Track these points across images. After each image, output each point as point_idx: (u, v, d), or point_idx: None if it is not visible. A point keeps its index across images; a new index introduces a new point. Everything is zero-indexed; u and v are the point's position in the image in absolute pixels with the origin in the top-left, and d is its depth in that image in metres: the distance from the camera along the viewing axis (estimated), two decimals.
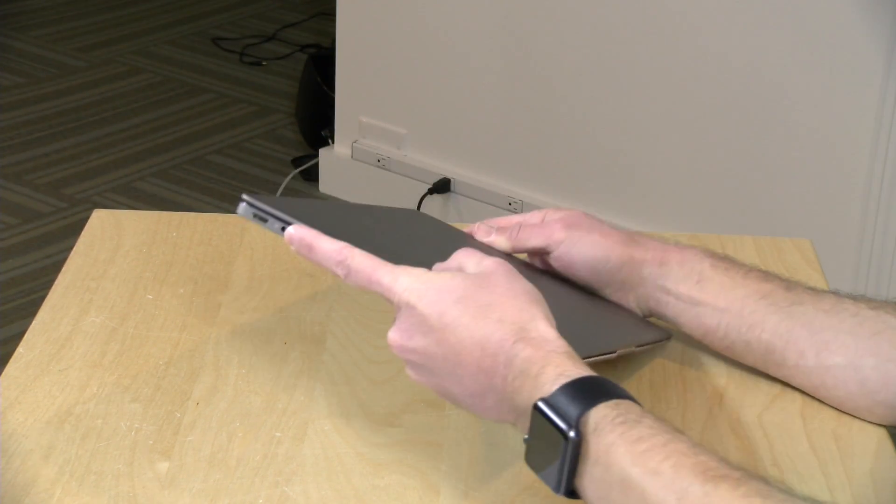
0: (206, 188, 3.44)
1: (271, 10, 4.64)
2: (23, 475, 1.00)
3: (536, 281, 1.00)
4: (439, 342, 0.91)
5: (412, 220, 1.23)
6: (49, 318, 1.20)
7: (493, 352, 0.90)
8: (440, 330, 0.91)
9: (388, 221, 1.17)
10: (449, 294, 0.92)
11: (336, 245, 0.95)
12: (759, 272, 1.12)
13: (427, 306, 0.91)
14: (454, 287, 0.92)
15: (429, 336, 0.91)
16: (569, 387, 0.87)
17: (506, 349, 0.90)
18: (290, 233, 0.96)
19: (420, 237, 1.16)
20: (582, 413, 0.85)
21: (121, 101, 3.91)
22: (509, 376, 0.90)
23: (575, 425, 0.85)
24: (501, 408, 0.91)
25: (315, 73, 3.49)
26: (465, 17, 3.05)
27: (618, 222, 2.92)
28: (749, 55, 2.68)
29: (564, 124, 2.98)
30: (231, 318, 1.21)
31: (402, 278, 0.93)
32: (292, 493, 1.00)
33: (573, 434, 0.84)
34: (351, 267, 0.95)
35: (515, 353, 0.90)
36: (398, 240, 1.10)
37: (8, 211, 3.27)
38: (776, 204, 2.72)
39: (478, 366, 0.90)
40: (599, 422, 0.85)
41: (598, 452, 0.84)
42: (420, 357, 0.93)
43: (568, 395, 0.86)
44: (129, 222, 1.37)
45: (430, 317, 0.91)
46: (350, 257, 0.95)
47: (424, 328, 0.92)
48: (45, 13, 4.55)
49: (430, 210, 3.19)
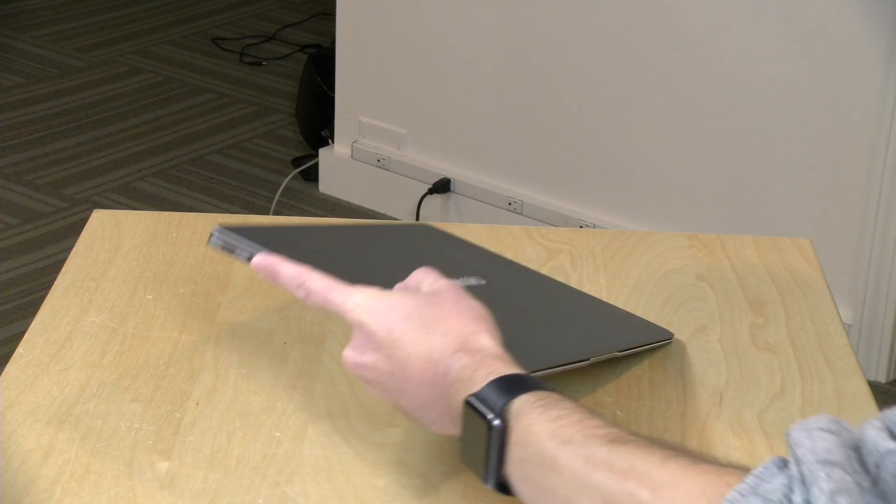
0: (206, 188, 3.44)
1: (271, 10, 4.64)
2: (23, 475, 1.00)
3: (511, 297, 1.02)
4: (388, 357, 0.94)
5: (414, 236, 1.24)
6: (49, 318, 1.20)
7: (435, 363, 0.93)
8: (388, 345, 0.94)
9: (376, 240, 1.19)
10: (398, 311, 0.95)
11: (296, 269, 0.99)
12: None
13: (376, 323, 0.95)
14: (403, 304, 0.96)
15: (378, 351, 0.95)
16: (496, 382, 0.89)
17: (445, 360, 0.93)
18: (255, 262, 1.01)
19: (404, 256, 1.17)
20: (506, 403, 0.88)
21: (121, 101, 3.91)
22: (449, 385, 0.92)
23: (499, 413, 0.87)
24: (444, 418, 0.94)
25: (315, 73, 3.49)
26: (466, 18, 3.05)
27: (618, 222, 2.92)
28: (749, 55, 2.68)
29: (564, 124, 2.98)
30: (231, 318, 1.21)
31: (355, 297, 0.96)
32: (292, 493, 1.00)
33: (497, 422, 0.87)
34: (309, 288, 0.98)
35: (454, 363, 0.92)
36: (372, 259, 1.13)
37: (8, 211, 3.27)
38: (776, 204, 2.72)
39: (421, 378, 0.93)
40: (521, 406, 0.88)
41: (519, 434, 0.87)
42: (371, 372, 0.95)
43: (495, 390, 0.89)
44: (129, 222, 1.37)
45: (379, 333, 0.94)
46: (308, 279, 0.99)
47: (374, 344, 0.95)
48: (45, 13, 4.55)
49: (430, 210, 3.19)
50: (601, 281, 1.30)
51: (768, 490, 0.74)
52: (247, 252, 1.01)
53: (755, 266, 1.34)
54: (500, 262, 1.27)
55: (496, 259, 1.28)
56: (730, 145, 2.75)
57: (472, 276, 1.13)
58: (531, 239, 1.38)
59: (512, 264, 1.27)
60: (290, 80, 4.05)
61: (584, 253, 1.35)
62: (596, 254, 1.35)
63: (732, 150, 2.75)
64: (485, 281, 1.14)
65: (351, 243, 1.17)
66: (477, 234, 1.37)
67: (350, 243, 1.17)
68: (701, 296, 1.28)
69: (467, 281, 1.11)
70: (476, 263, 1.22)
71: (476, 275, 1.14)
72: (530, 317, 1.14)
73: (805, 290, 1.30)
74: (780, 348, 1.20)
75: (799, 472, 0.74)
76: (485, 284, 1.13)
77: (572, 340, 1.11)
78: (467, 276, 1.12)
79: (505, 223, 2.85)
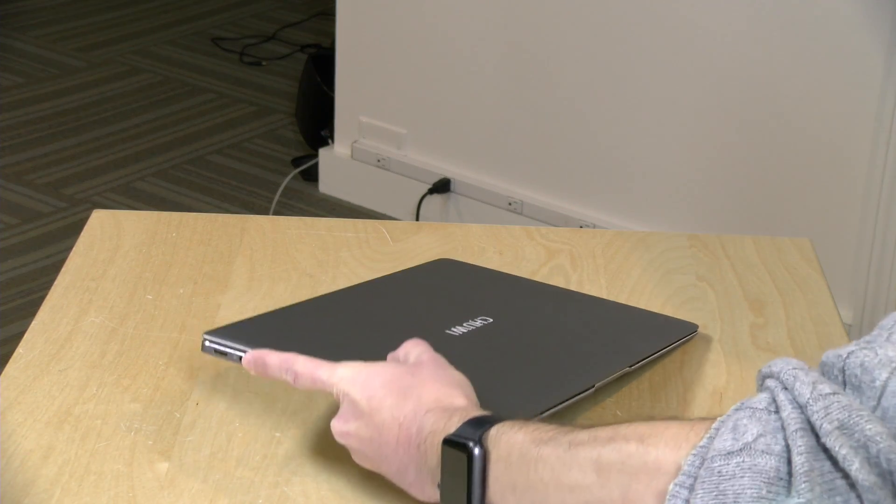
0: (206, 188, 3.44)
1: (271, 10, 4.64)
2: (22, 475, 1.00)
3: (520, 331, 1.04)
4: (367, 424, 0.96)
5: (428, 275, 1.23)
6: (49, 319, 1.20)
7: (408, 425, 0.94)
8: (368, 412, 0.96)
9: (385, 291, 1.18)
10: (378, 379, 0.97)
11: (281, 356, 1.01)
12: None
13: (358, 391, 0.97)
14: (383, 373, 0.98)
15: (360, 419, 0.96)
16: (470, 420, 0.91)
17: (418, 420, 0.94)
18: (245, 360, 1.03)
19: (411, 302, 1.18)
20: (484, 432, 0.90)
21: (121, 101, 3.91)
22: (422, 441, 0.94)
23: (478, 440, 0.89)
24: (422, 477, 0.94)
25: (315, 73, 3.49)
26: (465, 18, 3.05)
27: (618, 222, 2.92)
28: (749, 55, 2.68)
29: (564, 124, 2.98)
30: (231, 318, 1.21)
31: (339, 370, 0.98)
32: (292, 493, 1.00)
33: (477, 449, 0.89)
34: (296, 371, 1.00)
35: (426, 421, 0.94)
36: (376, 317, 1.14)
37: (8, 211, 3.27)
38: (776, 204, 2.72)
39: (397, 441, 0.95)
40: (498, 431, 0.89)
41: (500, 452, 0.88)
42: (355, 440, 0.97)
43: (470, 425, 0.91)
44: (129, 222, 1.37)
45: (361, 401, 0.96)
46: (294, 363, 1.01)
47: (357, 412, 0.96)
48: (45, 13, 4.54)
49: (430, 210, 3.19)
50: (601, 281, 1.30)
51: (752, 402, 0.78)
52: (236, 354, 1.04)
53: (755, 266, 1.34)
54: (512, 287, 1.26)
55: (508, 284, 1.26)
56: (730, 145, 2.75)
57: (478, 316, 1.14)
58: (531, 239, 1.38)
59: (524, 287, 1.26)
60: (290, 80, 4.05)
61: (584, 253, 1.35)
62: (596, 254, 1.35)
63: (732, 150, 2.75)
64: (491, 319, 1.14)
65: (354, 305, 1.17)
66: (477, 234, 1.37)
67: (353, 305, 1.17)
68: (701, 296, 1.28)
69: (472, 324, 1.12)
70: (487, 296, 1.22)
71: (483, 314, 1.14)
72: (540, 351, 1.13)
73: (805, 290, 1.30)
74: (780, 348, 1.20)
75: (779, 382, 0.78)
76: (491, 323, 1.13)
77: (582, 368, 1.10)
78: (472, 319, 1.13)
79: (505, 223, 2.85)
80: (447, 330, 1.10)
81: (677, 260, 1.34)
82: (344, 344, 1.07)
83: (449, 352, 1.02)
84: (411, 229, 1.39)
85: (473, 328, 1.11)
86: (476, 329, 1.11)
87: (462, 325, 1.12)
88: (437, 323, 1.11)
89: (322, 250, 1.33)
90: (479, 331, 1.11)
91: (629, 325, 1.20)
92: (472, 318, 1.13)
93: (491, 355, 1.09)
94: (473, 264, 1.30)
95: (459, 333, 1.10)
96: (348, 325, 1.12)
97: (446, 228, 1.39)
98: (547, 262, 1.33)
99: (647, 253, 1.35)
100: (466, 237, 1.37)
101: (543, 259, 1.33)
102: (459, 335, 1.10)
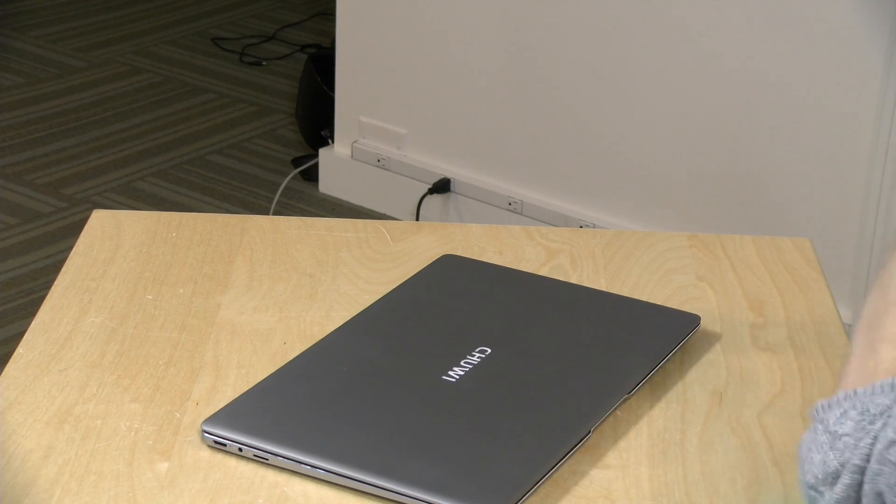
0: (206, 188, 3.44)
1: (271, 10, 4.64)
2: (22, 475, 1.00)
3: (521, 358, 1.07)
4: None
5: (423, 292, 1.22)
6: (49, 319, 1.20)
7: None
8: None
9: (375, 334, 1.16)
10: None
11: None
12: None
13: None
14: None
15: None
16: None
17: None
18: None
19: (413, 322, 1.18)
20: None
21: (121, 101, 3.91)
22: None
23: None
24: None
25: (315, 73, 3.49)
26: (466, 18, 3.05)
27: (618, 222, 2.92)
28: (749, 55, 2.68)
29: (564, 124, 2.98)
30: (231, 318, 1.21)
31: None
32: (292, 493, 1.00)
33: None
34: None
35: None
36: (366, 370, 1.11)
37: (8, 211, 3.27)
38: (776, 204, 2.72)
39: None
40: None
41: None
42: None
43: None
44: (129, 222, 1.37)
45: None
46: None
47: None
48: (45, 13, 4.55)
49: (430, 210, 3.19)
50: (601, 281, 1.30)
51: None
52: (236, 445, 1.02)
53: (755, 266, 1.33)
54: (513, 287, 1.25)
55: (509, 284, 1.26)
56: (730, 145, 2.76)
57: (476, 347, 1.13)
58: (531, 239, 1.38)
59: (524, 287, 1.25)
60: (290, 80, 4.05)
61: (584, 253, 1.35)
62: (596, 254, 1.35)
63: (733, 150, 2.75)
64: (489, 349, 1.13)
65: (349, 353, 1.13)
66: (477, 234, 1.37)
67: (348, 353, 1.13)
68: (701, 296, 1.28)
69: (470, 361, 1.11)
70: (487, 308, 1.21)
71: (482, 343, 1.13)
72: (538, 390, 1.11)
73: (805, 290, 1.30)
74: (780, 348, 1.20)
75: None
76: (489, 356, 1.12)
77: (578, 410, 1.08)
78: (470, 354, 1.12)
79: (505, 223, 2.85)
80: (444, 376, 1.09)
81: (677, 260, 1.34)
82: (343, 403, 1.05)
83: (445, 403, 1.05)
84: (411, 229, 1.39)
85: (470, 367, 1.10)
86: (473, 368, 1.10)
87: (460, 364, 1.10)
88: (435, 367, 1.10)
89: (322, 250, 1.33)
90: (476, 370, 1.10)
91: (631, 332, 1.19)
92: (470, 353, 1.12)
93: (489, 400, 1.07)
94: (476, 259, 1.30)
95: (455, 380, 1.09)
96: (344, 383, 1.09)
97: (446, 228, 1.39)
98: (547, 262, 1.33)
99: (647, 253, 1.35)
100: (466, 237, 1.37)
101: (543, 259, 1.33)
102: (455, 382, 1.09)
